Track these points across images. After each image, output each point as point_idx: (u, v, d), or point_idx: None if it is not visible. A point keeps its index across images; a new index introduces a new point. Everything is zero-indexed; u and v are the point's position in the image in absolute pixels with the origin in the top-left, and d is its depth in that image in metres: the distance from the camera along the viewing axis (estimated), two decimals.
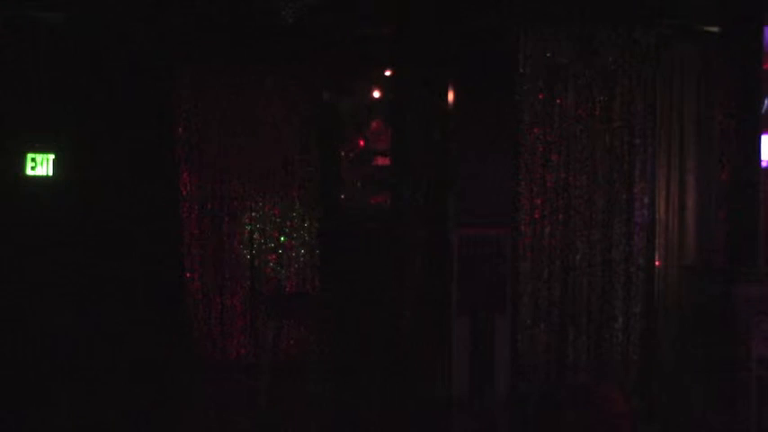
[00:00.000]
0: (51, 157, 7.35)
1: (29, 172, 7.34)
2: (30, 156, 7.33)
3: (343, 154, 8.56)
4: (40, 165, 7.34)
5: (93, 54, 7.21)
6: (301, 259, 7.80)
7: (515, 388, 7.09)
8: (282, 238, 7.78)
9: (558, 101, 7.16)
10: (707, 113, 7.22)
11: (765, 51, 6.99)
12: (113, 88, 7.23)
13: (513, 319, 7.13)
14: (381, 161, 8.96)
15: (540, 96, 7.15)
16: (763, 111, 7.08)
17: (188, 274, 7.63)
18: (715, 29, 7.16)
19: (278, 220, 7.78)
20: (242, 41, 7.30)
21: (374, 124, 9.07)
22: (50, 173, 7.34)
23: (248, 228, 7.76)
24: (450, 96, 7.21)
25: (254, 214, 7.77)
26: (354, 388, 7.42)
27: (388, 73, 8.30)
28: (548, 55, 7.13)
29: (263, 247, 7.77)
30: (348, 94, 8.25)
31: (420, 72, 7.42)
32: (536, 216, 7.19)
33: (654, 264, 7.25)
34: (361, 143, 9.15)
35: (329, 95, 7.85)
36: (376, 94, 8.92)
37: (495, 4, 6.99)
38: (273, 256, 7.78)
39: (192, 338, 7.63)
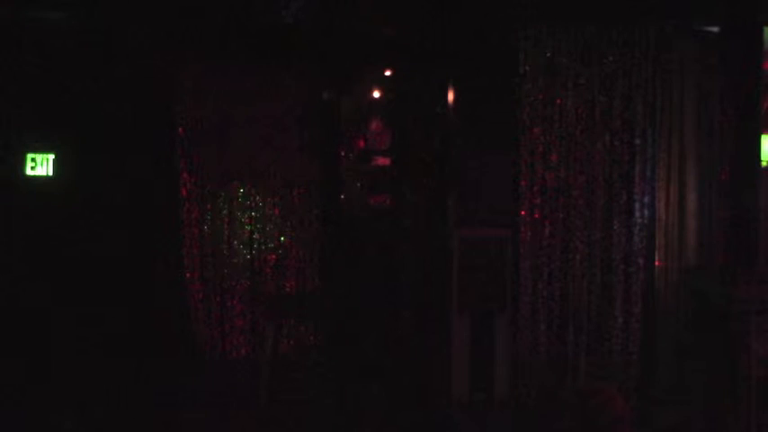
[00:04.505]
0: (51, 157, 7.35)
1: (29, 172, 7.34)
2: (30, 156, 7.34)
3: (343, 154, 8.54)
4: (40, 165, 7.34)
5: (94, 54, 7.22)
6: (301, 259, 7.80)
7: (515, 388, 7.09)
8: (282, 238, 7.78)
9: (558, 101, 7.16)
10: (707, 114, 7.22)
11: (765, 51, 6.99)
12: (113, 88, 7.24)
13: (513, 318, 7.14)
14: (381, 161, 8.95)
15: (540, 96, 7.16)
16: (764, 111, 7.08)
17: (188, 274, 7.63)
18: (715, 29, 7.16)
19: (278, 220, 7.78)
20: (241, 41, 7.30)
21: (374, 124, 9.06)
22: (50, 173, 7.35)
23: (248, 228, 7.76)
24: (450, 96, 7.21)
25: (254, 214, 7.76)
26: (354, 388, 7.42)
27: (388, 73, 8.30)
28: (548, 55, 7.13)
29: (263, 247, 7.77)
30: (348, 94, 8.24)
31: (420, 72, 7.43)
32: (536, 216, 7.19)
33: (654, 264, 7.25)
34: (361, 143, 9.14)
35: (329, 95, 7.84)
36: (376, 94, 8.91)
37: (495, 3, 6.99)
38: (273, 256, 7.78)
39: (192, 338, 7.62)
